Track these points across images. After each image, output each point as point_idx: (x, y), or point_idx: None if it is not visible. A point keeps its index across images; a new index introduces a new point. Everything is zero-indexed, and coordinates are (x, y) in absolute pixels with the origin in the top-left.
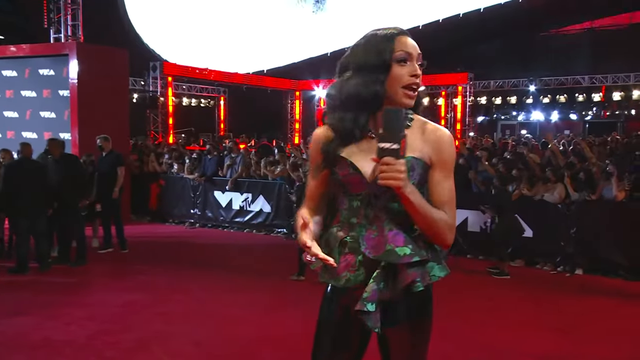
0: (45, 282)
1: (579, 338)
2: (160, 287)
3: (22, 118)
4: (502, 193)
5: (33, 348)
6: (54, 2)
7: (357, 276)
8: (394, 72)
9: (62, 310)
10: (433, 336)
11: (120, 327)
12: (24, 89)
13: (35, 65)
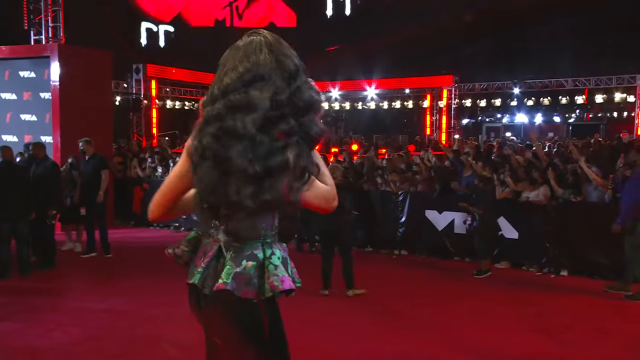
0: (27, 287)
1: (563, 339)
2: (144, 292)
3: (2, 121)
4: (484, 194)
5: (15, 355)
6: (34, 4)
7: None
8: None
9: (45, 315)
10: (420, 338)
11: (105, 333)
12: (3, 92)
13: (16, 67)
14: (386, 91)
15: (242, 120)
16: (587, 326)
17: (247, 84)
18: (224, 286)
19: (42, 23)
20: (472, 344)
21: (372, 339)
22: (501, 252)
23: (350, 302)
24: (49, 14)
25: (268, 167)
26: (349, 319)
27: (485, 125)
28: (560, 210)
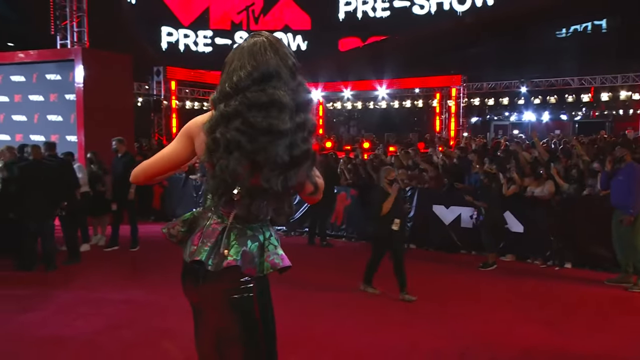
0: (53, 279)
1: (563, 329)
2: (163, 284)
3: (30, 121)
4: (489, 190)
5: (40, 343)
6: (60, 10)
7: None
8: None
9: (68, 306)
10: (425, 329)
11: (124, 323)
12: (32, 94)
13: (43, 71)
14: (397, 91)
15: (271, 117)
16: (588, 317)
17: (258, 82)
18: (234, 262)
19: (67, 28)
20: (476, 335)
21: (379, 330)
22: (507, 246)
23: (359, 295)
24: (74, 20)
25: (295, 157)
26: (357, 311)
27: (494, 123)
28: (563, 205)
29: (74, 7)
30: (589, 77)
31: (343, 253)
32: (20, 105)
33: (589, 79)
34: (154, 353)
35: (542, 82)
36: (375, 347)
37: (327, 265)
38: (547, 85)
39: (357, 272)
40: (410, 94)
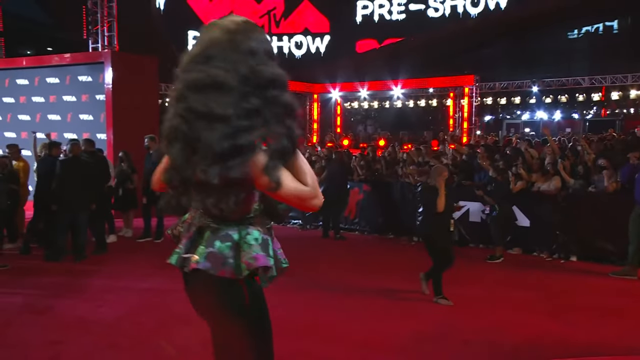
0: (81, 268)
1: (567, 319)
2: None
3: (64, 120)
4: (500, 185)
5: (66, 326)
6: (92, 15)
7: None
8: None
9: (94, 293)
10: (432, 318)
11: (145, 310)
12: (65, 94)
13: (75, 73)
14: (411, 90)
15: (208, 100)
16: (593, 308)
17: (201, 62)
18: (195, 265)
19: (98, 33)
20: (480, 324)
21: (388, 319)
22: (514, 239)
23: (370, 286)
24: (104, 25)
25: (234, 145)
26: (367, 301)
27: (506, 121)
28: (569, 200)
29: (105, 12)
30: (599, 76)
31: (356, 245)
32: (54, 105)
33: (599, 79)
34: (171, 338)
35: (553, 81)
36: (384, 334)
37: (340, 257)
38: (558, 85)
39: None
40: (424, 93)
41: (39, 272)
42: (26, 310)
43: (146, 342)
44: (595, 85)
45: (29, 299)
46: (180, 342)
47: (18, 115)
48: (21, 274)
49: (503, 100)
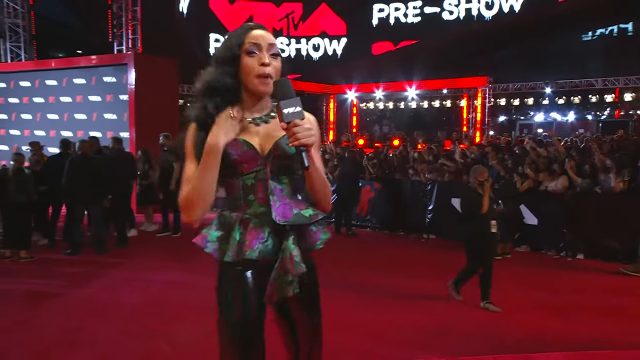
0: (101, 261)
1: (572, 316)
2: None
3: (89, 119)
4: (507, 184)
5: (86, 315)
6: (117, 19)
7: (267, 246)
8: (243, 63)
9: (114, 284)
10: (438, 312)
11: (162, 300)
12: (91, 94)
13: (100, 74)
14: (426, 91)
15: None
16: (597, 304)
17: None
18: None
19: (123, 35)
20: (484, 319)
21: (394, 312)
22: (522, 237)
23: (377, 280)
24: (129, 28)
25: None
26: (374, 294)
27: (519, 122)
28: (576, 199)
29: (129, 16)
30: (613, 78)
31: (366, 241)
32: (81, 105)
33: (612, 80)
34: (185, 328)
35: (566, 83)
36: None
37: (350, 253)
38: (571, 86)
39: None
40: (438, 94)
41: (62, 264)
42: (49, 299)
43: (159, 331)
44: (609, 86)
45: (52, 288)
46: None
47: (47, 115)
48: (46, 265)
49: (516, 102)
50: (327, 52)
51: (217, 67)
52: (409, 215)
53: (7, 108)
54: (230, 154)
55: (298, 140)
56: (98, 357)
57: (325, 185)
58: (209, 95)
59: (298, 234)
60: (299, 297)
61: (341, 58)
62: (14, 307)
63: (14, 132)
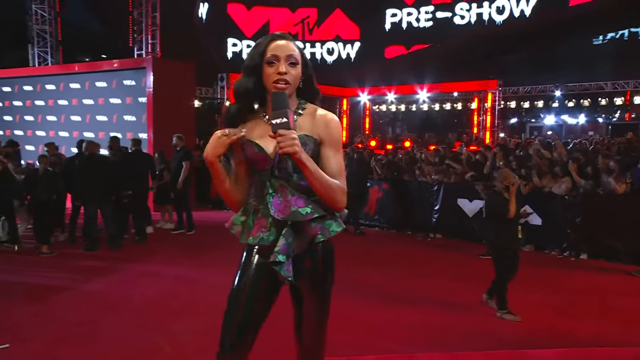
0: (117, 256)
1: (572, 314)
2: (213, 263)
3: (110, 121)
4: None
5: (99, 308)
6: (137, 25)
7: (270, 235)
8: (265, 72)
9: (127, 279)
10: (439, 310)
11: (173, 295)
12: (112, 97)
13: (121, 77)
14: (437, 94)
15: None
16: (598, 303)
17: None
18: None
19: (143, 40)
20: (486, 317)
21: (397, 309)
22: (526, 237)
23: (382, 278)
24: (148, 33)
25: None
26: (379, 291)
27: (529, 125)
28: (580, 200)
29: (149, 22)
30: (622, 81)
31: (374, 240)
32: (102, 107)
33: (622, 83)
34: (196, 321)
35: (575, 86)
36: (392, 322)
37: (357, 251)
38: (581, 89)
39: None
40: (449, 97)
41: (80, 259)
42: (66, 292)
43: (170, 324)
44: (618, 90)
45: (69, 282)
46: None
47: (71, 116)
48: (65, 259)
49: (526, 104)
50: (341, 55)
51: (244, 75)
52: (415, 215)
53: (34, 110)
54: (246, 154)
55: (282, 149)
56: (111, 349)
57: (326, 186)
58: (238, 99)
59: (295, 228)
60: (308, 289)
61: (354, 62)
62: (33, 299)
63: (39, 133)
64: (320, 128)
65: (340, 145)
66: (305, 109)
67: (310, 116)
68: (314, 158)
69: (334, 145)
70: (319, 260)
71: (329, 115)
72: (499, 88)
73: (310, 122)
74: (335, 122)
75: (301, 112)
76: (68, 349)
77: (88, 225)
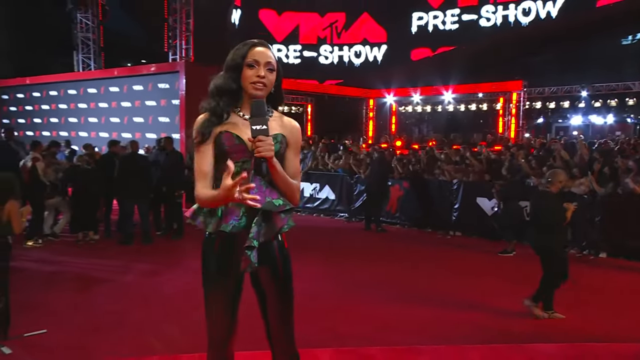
0: (149, 251)
1: (583, 312)
2: None
3: (146, 122)
4: (511, 183)
5: (131, 297)
6: (172, 31)
7: (240, 223)
8: (244, 73)
9: (157, 272)
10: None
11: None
12: (147, 100)
13: (156, 81)
14: (462, 95)
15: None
16: (612, 302)
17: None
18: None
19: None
20: (497, 312)
21: (409, 303)
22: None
23: (397, 273)
24: (182, 39)
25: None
26: (392, 286)
27: (555, 125)
28: (599, 199)
29: (183, 28)
30: None
31: (394, 237)
32: (139, 109)
33: None
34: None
35: (602, 86)
36: (405, 316)
37: (376, 247)
38: (608, 90)
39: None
40: (475, 98)
41: (115, 252)
42: (100, 283)
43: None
44: None
45: (103, 274)
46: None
47: (110, 118)
48: (101, 252)
49: (552, 105)
50: (368, 58)
51: (226, 73)
52: (436, 213)
53: (77, 112)
54: (223, 144)
55: (259, 153)
56: (136, 338)
57: (288, 185)
58: (219, 94)
59: (265, 217)
60: (269, 274)
61: (381, 64)
62: (71, 289)
63: (82, 134)
64: (288, 131)
65: (299, 150)
66: (273, 113)
67: (279, 120)
68: (282, 156)
69: (296, 148)
70: (276, 251)
71: (293, 122)
72: (524, 89)
73: (279, 125)
74: (299, 128)
75: (271, 115)
76: (98, 336)
77: (124, 220)
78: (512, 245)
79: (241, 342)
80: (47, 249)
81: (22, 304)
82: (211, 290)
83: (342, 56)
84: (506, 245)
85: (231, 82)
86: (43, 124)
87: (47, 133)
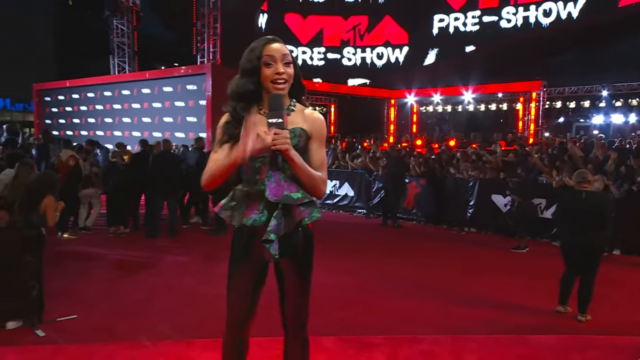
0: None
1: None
2: None
3: (175, 122)
4: (525, 182)
5: (156, 287)
6: (200, 35)
7: (261, 217)
8: (263, 73)
9: (182, 262)
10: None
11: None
12: (177, 100)
13: (185, 82)
14: (482, 95)
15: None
16: (621, 297)
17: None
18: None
19: (204, 49)
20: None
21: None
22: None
23: (410, 266)
24: (210, 42)
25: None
26: (404, 279)
27: (576, 124)
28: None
29: (210, 32)
30: None
31: (410, 233)
32: (168, 110)
33: None
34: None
35: (624, 86)
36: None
37: (392, 242)
38: (629, 89)
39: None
40: (494, 98)
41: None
42: (130, 272)
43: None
44: None
45: (133, 264)
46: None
47: (142, 118)
48: (130, 244)
49: (572, 104)
50: (390, 59)
51: (242, 77)
52: (451, 209)
53: (112, 113)
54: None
55: (275, 146)
56: (158, 325)
57: (310, 177)
58: (236, 98)
59: (285, 211)
60: (290, 264)
61: (403, 65)
62: (102, 278)
63: (117, 133)
64: (309, 124)
65: (324, 141)
66: (295, 106)
67: (301, 113)
68: (304, 149)
69: (319, 140)
70: (300, 243)
71: (315, 113)
72: (544, 88)
73: (301, 118)
74: (322, 120)
75: (293, 109)
76: (123, 322)
77: (152, 215)
78: (525, 241)
79: (258, 329)
80: (81, 241)
81: (56, 292)
82: (234, 273)
83: (364, 58)
84: (519, 242)
85: (248, 84)
86: (81, 124)
87: (85, 132)
